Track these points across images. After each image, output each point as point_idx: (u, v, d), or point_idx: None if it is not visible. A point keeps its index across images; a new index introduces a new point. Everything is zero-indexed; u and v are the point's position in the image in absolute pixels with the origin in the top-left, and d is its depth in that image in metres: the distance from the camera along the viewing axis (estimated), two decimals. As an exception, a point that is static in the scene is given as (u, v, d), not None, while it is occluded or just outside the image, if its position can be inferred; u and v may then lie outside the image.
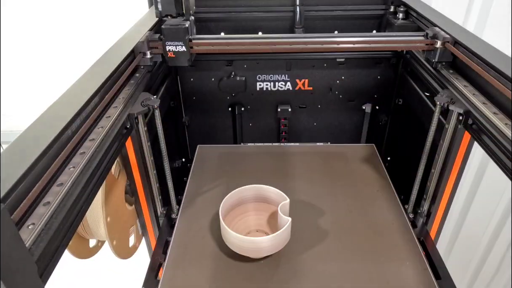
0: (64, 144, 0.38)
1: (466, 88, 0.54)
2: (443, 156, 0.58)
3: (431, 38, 0.60)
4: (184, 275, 0.50)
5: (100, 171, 0.42)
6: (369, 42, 0.63)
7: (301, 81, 0.86)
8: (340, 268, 0.52)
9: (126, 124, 0.51)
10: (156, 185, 0.62)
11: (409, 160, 0.78)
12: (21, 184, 0.31)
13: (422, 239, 0.61)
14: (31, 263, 0.29)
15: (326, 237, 0.57)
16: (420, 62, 0.70)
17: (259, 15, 0.81)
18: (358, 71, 0.85)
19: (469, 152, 0.57)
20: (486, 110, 0.48)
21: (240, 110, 0.88)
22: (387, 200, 0.64)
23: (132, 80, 0.57)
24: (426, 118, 0.65)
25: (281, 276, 0.50)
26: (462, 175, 0.60)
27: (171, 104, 0.81)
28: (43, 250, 0.31)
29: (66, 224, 0.35)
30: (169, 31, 0.59)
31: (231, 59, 0.82)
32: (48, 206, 0.34)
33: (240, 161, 0.74)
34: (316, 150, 0.78)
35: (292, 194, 0.54)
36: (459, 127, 0.54)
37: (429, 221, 0.65)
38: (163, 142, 0.60)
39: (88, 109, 0.43)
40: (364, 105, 0.89)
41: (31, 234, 0.31)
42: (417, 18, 0.74)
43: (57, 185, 0.36)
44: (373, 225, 0.59)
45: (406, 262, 0.53)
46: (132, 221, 0.63)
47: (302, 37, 0.63)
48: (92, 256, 0.57)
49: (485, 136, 0.47)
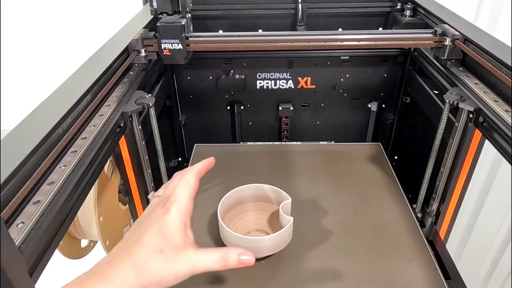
0: (55, 142, 0.39)
1: (476, 86, 0.54)
2: (452, 154, 0.59)
3: (440, 35, 0.61)
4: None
5: (92, 170, 0.44)
6: (375, 40, 0.63)
7: (303, 79, 0.87)
8: (344, 268, 0.52)
9: (119, 123, 0.52)
10: (151, 184, 0.64)
11: (416, 158, 0.78)
12: (10, 182, 0.32)
13: (431, 238, 0.61)
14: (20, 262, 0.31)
15: (330, 236, 0.57)
16: (428, 59, 0.70)
17: (259, 12, 0.82)
18: (363, 69, 0.86)
19: (480, 150, 0.58)
20: (497, 108, 0.48)
21: (240, 109, 0.89)
22: (394, 199, 0.64)
23: (126, 78, 0.58)
24: (434, 117, 0.66)
25: (283, 277, 0.51)
26: (473, 173, 0.61)
27: (167, 103, 0.83)
28: (33, 249, 0.32)
29: (57, 223, 0.36)
30: (164, 29, 0.60)
31: (230, 57, 0.83)
32: (38, 205, 0.35)
33: (239, 160, 0.75)
34: (320, 149, 0.78)
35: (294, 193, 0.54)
36: (469, 126, 0.54)
37: (438, 221, 0.66)
38: (158, 141, 0.61)
39: (80, 108, 0.45)
40: (369, 104, 0.89)
41: (21, 233, 0.32)
42: (425, 15, 0.74)
43: (47, 184, 0.37)
44: (379, 224, 0.59)
45: (414, 262, 0.53)
46: (126, 221, 0.65)
47: (304, 35, 0.64)
48: (83, 256, 0.59)
49: (496, 134, 0.48)
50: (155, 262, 0.35)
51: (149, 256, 0.35)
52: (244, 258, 0.37)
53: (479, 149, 0.58)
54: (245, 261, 0.37)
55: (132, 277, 0.34)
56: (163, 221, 0.37)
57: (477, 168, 0.60)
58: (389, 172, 0.71)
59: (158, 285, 0.35)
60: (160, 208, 0.39)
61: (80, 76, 0.51)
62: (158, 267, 0.35)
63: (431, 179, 0.64)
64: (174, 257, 0.35)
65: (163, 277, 0.35)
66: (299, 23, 0.80)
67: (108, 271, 0.34)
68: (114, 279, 0.33)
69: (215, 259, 0.37)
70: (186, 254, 0.36)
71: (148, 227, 0.37)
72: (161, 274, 0.35)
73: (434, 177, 0.64)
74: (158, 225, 0.37)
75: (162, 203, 0.39)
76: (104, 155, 0.47)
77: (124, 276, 0.34)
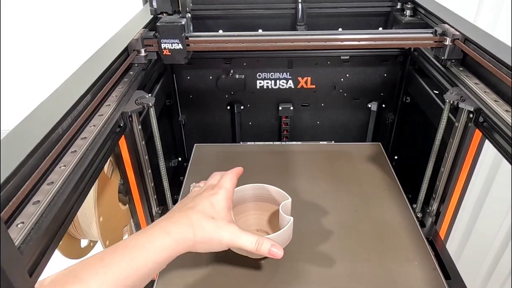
0: (54, 142, 0.39)
1: (476, 85, 0.54)
2: (452, 154, 0.59)
3: (440, 35, 0.61)
4: (180, 276, 0.51)
5: (92, 170, 0.44)
6: (375, 40, 0.63)
7: (303, 79, 0.87)
8: (344, 268, 0.52)
9: (119, 123, 0.52)
10: (151, 184, 0.64)
11: (416, 158, 0.78)
12: (10, 182, 0.32)
13: (431, 238, 0.62)
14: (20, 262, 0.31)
15: (330, 236, 0.57)
16: (428, 59, 0.70)
17: (259, 12, 0.82)
18: (364, 69, 0.86)
19: (480, 150, 0.58)
20: (498, 108, 0.48)
21: (239, 109, 0.89)
22: (394, 199, 0.64)
23: (126, 78, 0.58)
24: (434, 116, 0.66)
25: (282, 277, 0.51)
26: (473, 173, 0.61)
27: (167, 103, 0.83)
28: (33, 249, 0.32)
29: (57, 223, 0.36)
30: (164, 28, 0.60)
31: (230, 57, 0.83)
32: (38, 205, 0.35)
33: (239, 160, 0.75)
34: (320, 149, 0.78)
35: (294, 193, 0.54)
36: (470, 126, 0.54)
37: (438, 221, 0.66)
38: (158, 141, 0.61)
39: (80, 108, 0.45)
40: (369, 104, 0.89)
41: (20, 233, 0.32)
42: (425, 15, 0.74)
43: (47, 184, 0.37)
44: (379, 224, 0.59)
45: (414, 262, 0.53)
46: (126, 221, 0.65)
47: (304, 35, 0.64)
48: (83, 256, 0.59)
49: (497, 134, 0.48)
50: (207, 224, 0.43)
51: (203, 219, 0.43)
52: (274, 250, 0.44)
53: (479, 149, 0.58)
54: (274, 253, 0.44)
55: (189, 232, 0.41)
56: (214, 198, 0.45)
57: (477, 168, 0.60)
58: (389, 171, 0.71)
59: (206, 244, 0.43)
60: (209, 191, 0.47)
61: (80, 76, 0.51)
62: (209, 228, 0.42)
63: (431, 179, 0.65)
64: (222, 225, 0.43)
65: (211, 239, 0.43)
66: (299, 23, 0.80)
67: (169, 226, 0.42)
68: (174, 233, 0.41)
69: (252, 240, 0.44)
70: (232, 227, 0.44)
71: (200, 200, 0.45)
72: (210, 236, 0.43)
73: (434, 177, 0.64)
74: (209, 200, 0.45)
75: (209, 188, 0.48)
76: (104, 154, 0.47)
77: (182, 231, 0.41)
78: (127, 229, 0.65)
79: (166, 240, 0.40)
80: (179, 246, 0.41)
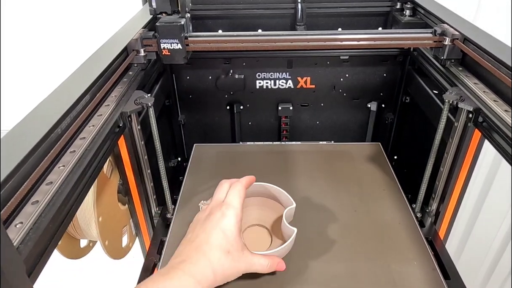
0: (53, 142, 0.39)
1: (476, 85, 0.54)
2: (452, 154, 0.59)
3: (440, 35, 0.61)
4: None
5: (91, 170, 0.43)
6: (374, 40, 0.63)
7: (302, 79, 0.87)
8: (344, 268, 0.52)
9: (118, 123, 0.52)
10: (150, 184, 0.64)
11: (416, 158, 0.78)
12: (9, 182, 0.32)
13: (431, 238, 0.61)
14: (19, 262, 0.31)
15: (329, 236, 0.57)
16: (428, 59, 0.70)
17: (259, 12, 0.82)
18: (363, 69, 0.86)
19: (479, 150, 0.58)
20: (497, 108, 0.48)
21: (239, 109, 0.89)
22: (393, 199, 0.65)
23: (125, 78, 0.58)
24: (434, 116, 0.66)
25: (283, 277, 0.51)
26: (472, 173, 0.61)
27: (166, 103, 0.83)
28: (32, 249, 0.32)
29: (56, 223, 0.36)
30: (163, 28, 0.60)
31: (229, 56, 0.83)
32: (36, 205, 0.35)
33: (238, 160, 0.75)
34: (319, 149, 0.78)
35: (294, 193, 0.54)
36: (469, 125, 0.54)
37: (438, 221, 0.66)
38: (157, 141, 0.61)
39: (79, 108, 0.45)
40: (369, 104, 0.89)
41: (19, 233, 0.32)
42: (425, 15, 0.74)
43: (46, 184, 0.37)
44: (379, 224, 0.59)
45: (414, 262, 0.53)
46: (125, 221, 0.65)
47: (304, 35, 0.64)
48: (83, 256, 0.59)
49: (496, 134, 0.48)
50: (225, 262, 0.44)
51: (221, 256, 0.44)
52: (280, 265, 0.49)
53: (479, 148, 0.58)
54: (280, 267, 0.49)
55: (209, 272, 0.43)
56: (224, 226, 0.46)
57: (476, 168, 0.60)
58: (389, 171, 0.71)
59: (224, 278, 0.45)
60: (218, 211, 0.47)
61: (79, 76, 0.51)
62: (228, 265, 0.44)
63: (431, 179, 0.64)
64: (238, 258, 0.45)
65: (230, 274, 0.45)
66: (298, 23, 0.80)
67: (189, 267, 0.43)
68: (195, 274, 0.42)
69: (263, 264, 0.47)
70: (246, 256, 0.46)
71: (212, 229, 0.46)
72: (229, 272, 0.45)
73: (434, 176, 0.64)
74: (220, 228, 0.46)
75: (218, 207, 0.48)
76: (103, 155, 0.47)
77: (202, 271, 0.43)
78: (127, 229, 0.65)
79: (190, 283, 0.42)
80: (201, 285, 0.42)
